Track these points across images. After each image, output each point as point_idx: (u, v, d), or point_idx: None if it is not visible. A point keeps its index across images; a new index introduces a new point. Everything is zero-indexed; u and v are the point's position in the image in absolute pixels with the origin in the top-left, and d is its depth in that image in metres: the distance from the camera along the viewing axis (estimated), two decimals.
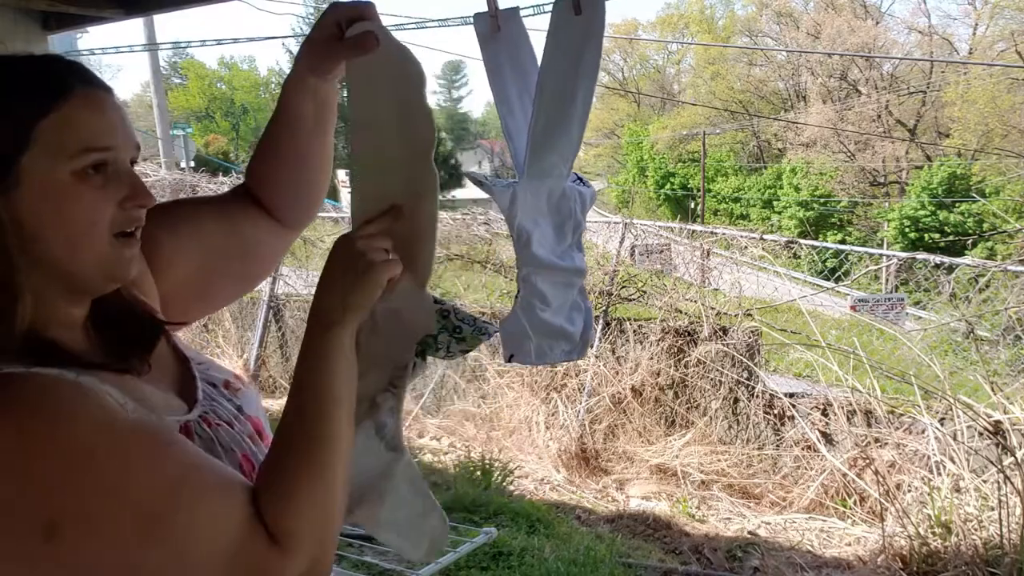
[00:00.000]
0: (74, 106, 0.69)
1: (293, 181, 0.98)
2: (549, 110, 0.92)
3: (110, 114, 0.73)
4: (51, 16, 2.51)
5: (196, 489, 0.66)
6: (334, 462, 0.72)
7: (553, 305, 1.00)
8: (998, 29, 25.37)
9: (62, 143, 0.68)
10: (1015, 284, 5.14)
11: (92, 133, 0.70)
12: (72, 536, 0.60)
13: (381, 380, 0.88)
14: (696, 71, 36.44)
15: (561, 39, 0.91)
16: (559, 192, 0.98)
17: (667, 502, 4.94)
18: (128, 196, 0.72)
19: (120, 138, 0.73)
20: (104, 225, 0.71)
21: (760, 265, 6.86)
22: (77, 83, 0.71)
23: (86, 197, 0.69)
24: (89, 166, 0.69)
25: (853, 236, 24.57)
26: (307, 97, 0.90)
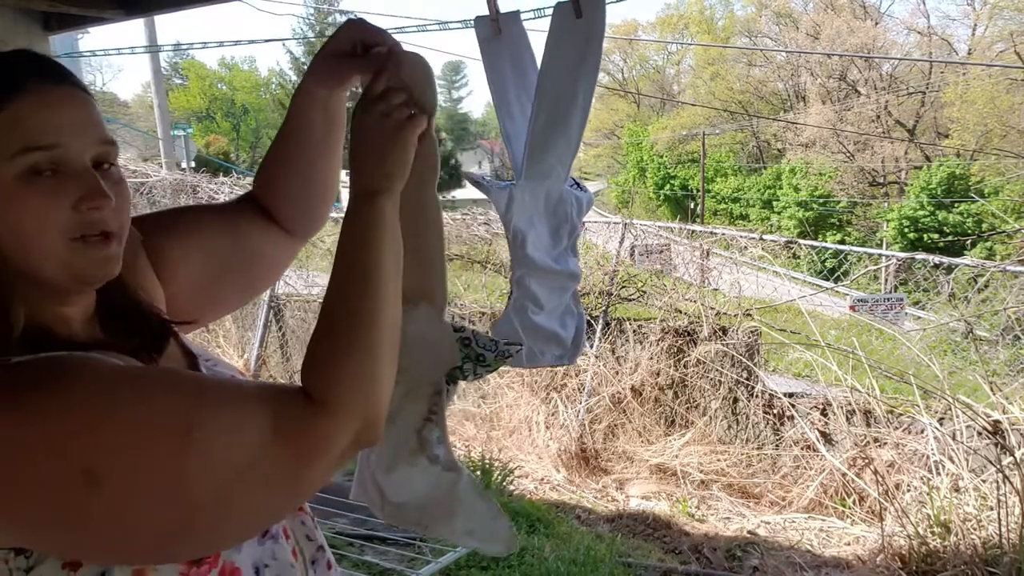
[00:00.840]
0: (21, 105, 0.66)
1: (301, 191, 0.98)
2: (548, 113, 0.93)
3: (62, 111, 0.68)
4: (52, 16, 2.51)
5: (215, 393, 0.67)
6: (380, 329, 0.71)
7: (546, 308, 1.00)
8: (997, 30, 25.38)
9: (3, 144, 0.65)
10: (1014, 284, 5.14)
11: (36, 132, 0.66)
12: (111, 476, 0.59)
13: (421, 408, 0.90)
14: (696, 71, 36.44)
15: (562, 42, 0.91)
16: (556, 195, 0.98)
17: (667, 502, 4.95)
18: (82, 197, 0.67)
19: (73, 135, 0.68)
20: (55, 230, 0.66)
21: (760, 265, 6.86)
22: (30, 80, 0.67)
23: (31, 201, 0.65)
24: (31, 167, 0.65)
25: (852, 236, 24.58)
26: (317, 109, 0.89)
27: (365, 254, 0.73)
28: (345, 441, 0.68)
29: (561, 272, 1.00)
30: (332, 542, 3.12)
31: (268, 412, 0.66)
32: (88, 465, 0.58)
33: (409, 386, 0.88)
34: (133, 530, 0.61)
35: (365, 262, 0.73)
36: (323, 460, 0.67)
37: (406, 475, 0.91)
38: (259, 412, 0.65)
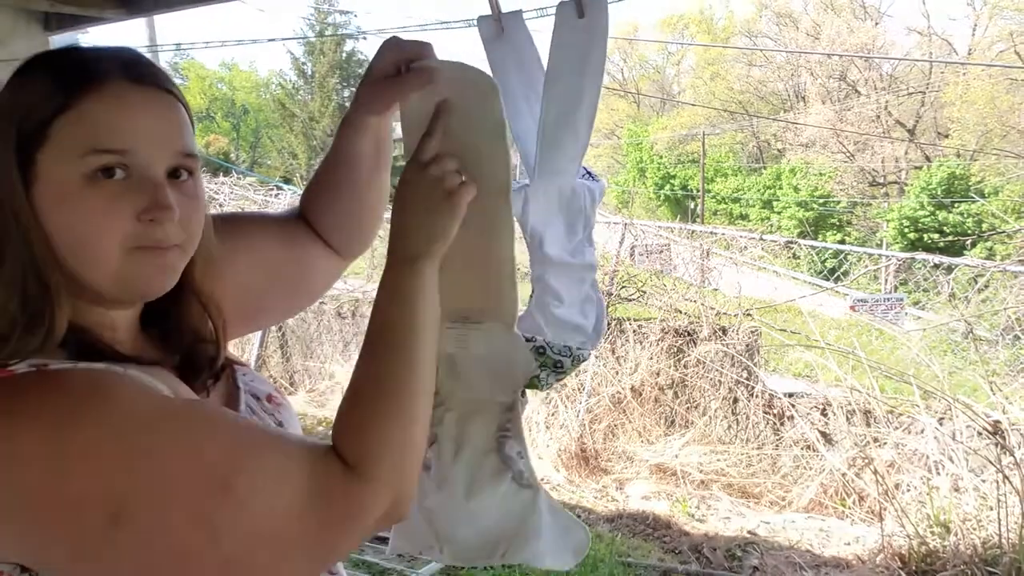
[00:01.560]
0: (97, 101, 0.63)
1: (352, 216, 0.97)
2: (557, 112, 0.93)
3: (140, 114, 0.65)
4: (52, 16, 2.51)
5: (256, 446, 0.64)
6: (415, 396, 0.70)
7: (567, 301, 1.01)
8: (997, 29, 25.38)
9: (75, 141, 0.63)
10: (1014, 284, 5.15)
11: (107, 133, 0.63)
12: (139, 516, 0.57)
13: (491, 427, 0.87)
14: (696, 72, 36.45)
15: (565, 41, 0.92)
16: (569, 190, 0.99)
17: (667, 502, 4.95)
18: (147, 208, 0.64)
19: (148, 142, 0.65)
20: (114, 237, 0.64)
21: (760, 265, 6.87)
22: (112, 76, 0.65)
23: (93, 205, 0.63)
24: (99, 169, 0.63)
25: (852, 236, 24.58)
26: (367, 136, 0.88)
27: (403, 320, 0.71)
28: (378, 512, 0.66)
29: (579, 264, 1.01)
30: None
31: (305, 473, 0.64)
32: (117, 501, 0.56)
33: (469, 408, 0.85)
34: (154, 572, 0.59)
35: (403, 328, 0.71)
36: (355, 529, 0.66)
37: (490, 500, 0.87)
38: (297, 472, 0.64)
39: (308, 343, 7.12)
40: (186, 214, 0.68)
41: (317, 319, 7.08)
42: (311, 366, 7.04)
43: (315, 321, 7.08)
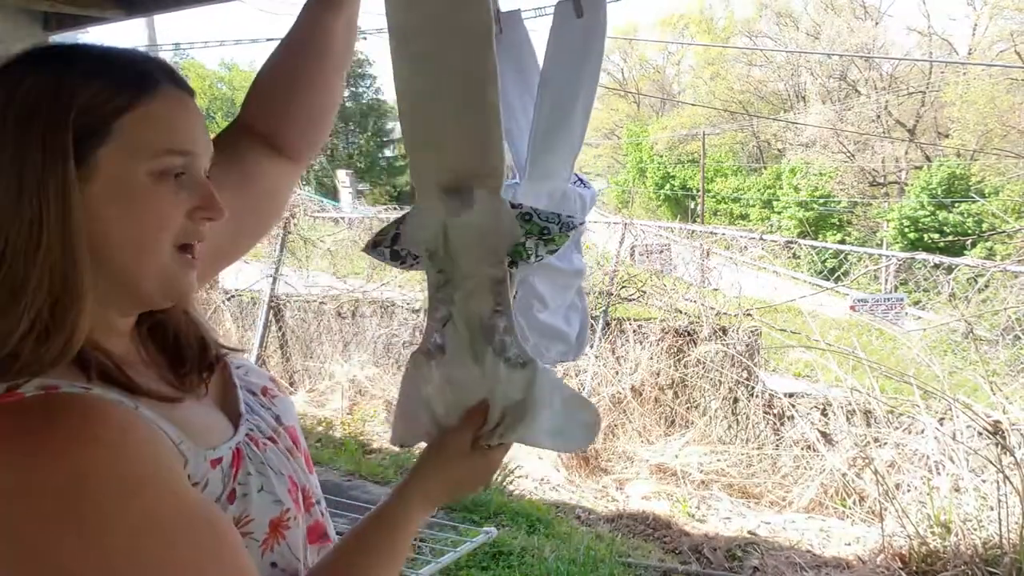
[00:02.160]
0: (159, 104, 0.66)
1: (313, 111, 0.93)
2: (551, 112, 0.92)
3: (193, 118, 0.69)
4: (51, 16, 2.51)
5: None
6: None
7: (551, 306, 1.00)
8: (998, 29, 25.38)
9: (144, 141, 0.64)
10: (1014, 284, 5.15)
11: (175, 135, 0.66)
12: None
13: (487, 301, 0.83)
14: (696, 71, 36.45)
15: (563, 42, 0.91)
16: (560, 194, 0.98)
17: (667, 502, 4.95)
18: (199, 207, 0.68)
19: (201, 144, 0.69)
20: (171, 233, 0.66)
21: (760, 265, 6.87)
22: (165, 81, 0.67)
23: (158, 201, 0.65)
24: (168, 169, 0.65)
25: (852, 236, 24.58)
26: (342, 12, 0.86)
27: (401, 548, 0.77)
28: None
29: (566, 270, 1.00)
30: None
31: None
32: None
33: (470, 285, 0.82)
34: None
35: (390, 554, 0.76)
36: None
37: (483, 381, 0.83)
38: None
39: (308, 343, 7.12)
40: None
41: (317, 319, 7.08)
42: (311, 366, 7.04)
43: (315, 321, 7.08)
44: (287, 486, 0.73)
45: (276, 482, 0.72)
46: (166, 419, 0.65)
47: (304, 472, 0.80)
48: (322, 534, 0.80)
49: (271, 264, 7.02)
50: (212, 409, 0.75)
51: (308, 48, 0.88)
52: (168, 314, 0.75)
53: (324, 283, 7.29)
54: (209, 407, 0.75)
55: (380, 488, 4.61)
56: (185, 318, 0.77)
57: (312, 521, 0.79)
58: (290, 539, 0.71)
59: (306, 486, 0.79)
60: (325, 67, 0.90)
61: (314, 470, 0.84)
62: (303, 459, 0.82)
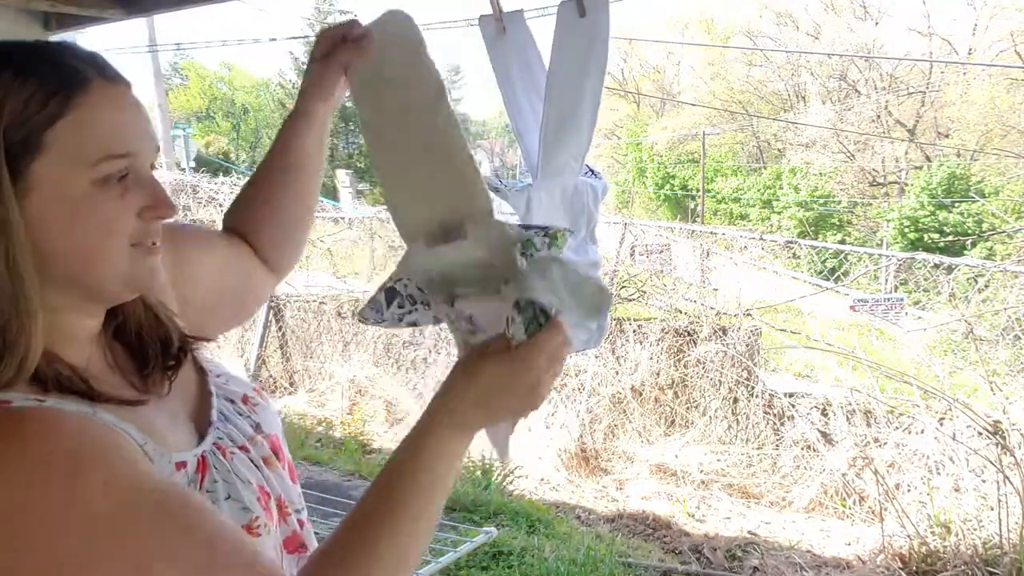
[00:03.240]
0: (92, 107, 0.62)
1: (291, 225, 0.97)
2: (559, 111, 0.93)
3: (131, 114, 0.66)
4: (51, 16, 2.51)
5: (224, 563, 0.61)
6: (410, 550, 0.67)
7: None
8: (997, 29, 25.38)
9: (80, 149, 0.61)
10: (1014, 284, 5.15)
11: (113, 137, 0.63)
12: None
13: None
14: (696, 72, 36.44)
15: (567, 41, 0.92)
16: (572, 188, 0.99)
17: (667, 502, 4.95)
18: (149, 206, 0.66)
19: (142, 141, 0.66)
20: (122, 237, 0.64)
21: (760, 265, 6.87)
22: (96, 77, 0.64)
23: (104, 208, 0.63)
24: (109, 175, 0.63)
25: (853, 236, 24.57)
26: (314, 128, 0.89)
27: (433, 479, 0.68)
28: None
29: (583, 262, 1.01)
30: None
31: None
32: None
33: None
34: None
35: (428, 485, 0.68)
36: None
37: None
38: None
39: (308, 343, 7.12)
40: None
41: (317, 319, 7.08)
42: (311, 366, 7.04)
43: (315, 321, 7.08)
44: (255, 495, 0.72)
45: (243, 490, 0.71)
46: (128, 421, 0.64)
47: (283, 481, 0.79)
48: (300, 544, 0.79)
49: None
50: (179, 417, 0.74)
51: (283, 168, 0.93)
52: (128, 312, 0.74)
53: (324, 283, 7.29)
54: (176, 415, 0.74)
55: None
56: (147, 314, 0.76)
57: (289, 531, 0.78)
58: (259, 547, 0.70)
59: (282, 496, 0.78)
60: (300, 184, 0.94)
61: (297, 480, 0.83)
62: (286, 468, 0.81)
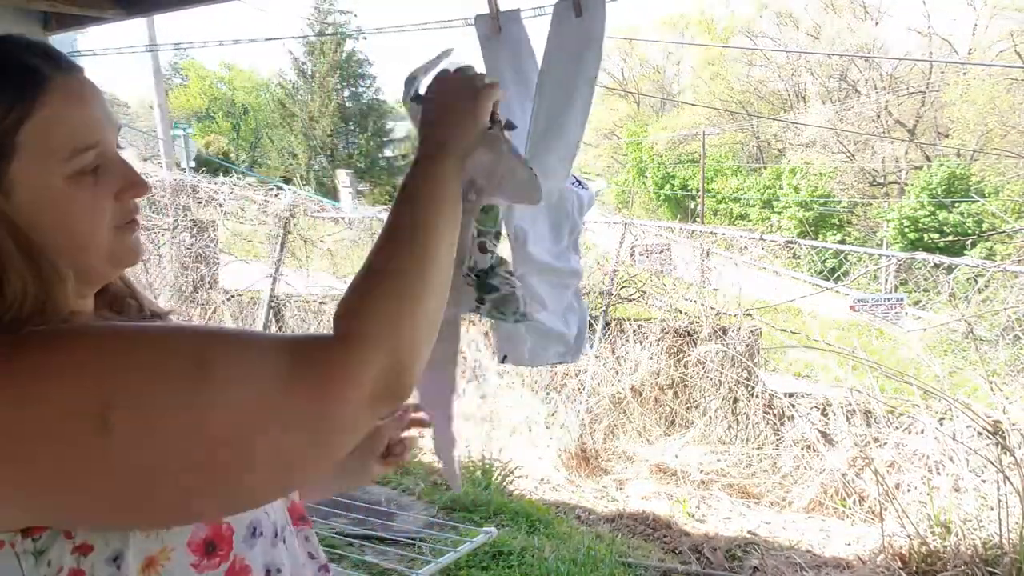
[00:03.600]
0: (55, 103, 0.63)
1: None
2: (549, 112, 0.92)
3: (91, 102, 0.67)
4: (51, 16, 2.51)
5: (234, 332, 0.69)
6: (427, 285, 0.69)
7: (549, 306, 1.00)
8: (997, 29, 25.38)
9: (50, 147, 0.63)
10: (1014, 284, 5.14)
11: (79, 130, 0.65)
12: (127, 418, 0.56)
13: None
14: (696, 72, 36.44)
15: (561, 41, 0.91)
16: (557, 193, 0.98)
17: (667, 502, 4.95)
18: (123, 188, 0.68)
19: (106, 127, 0.68)
20: (104, 223, 0.67)
21: (760, 265, 6.86)
22: (52, 71, 0.64)
23: (82, 199, 0.65)
24: (82, 168, 0.64)
25: (852, 236, 24.57)
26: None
27: (425, 210, 0.72)
28: (369, 375, 0.63)
29: (563, 270, 1.00)
30: (332, 542, 3.12)
31: (286, 349, 0.63)
32: (102, 408, 0.56)
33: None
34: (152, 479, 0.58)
35: (424, 217, 0.72)
36: (345, 395, 0.62)
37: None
38: (277, 349, 0.63)
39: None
40: None
41: (317, 319, 7.08)
42: None
43: (315, 321, 7.08)
44: None
45: None
46: None
47: None
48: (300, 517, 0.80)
49: (271, 264, 7.01)
50: None
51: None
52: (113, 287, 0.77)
53: (324, 283, 7.29)
54: None
55: (380, 488, 4.60)
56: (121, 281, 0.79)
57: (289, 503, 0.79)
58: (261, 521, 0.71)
59: None
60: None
61: None
62: None
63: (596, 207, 1.08)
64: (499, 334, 1.00)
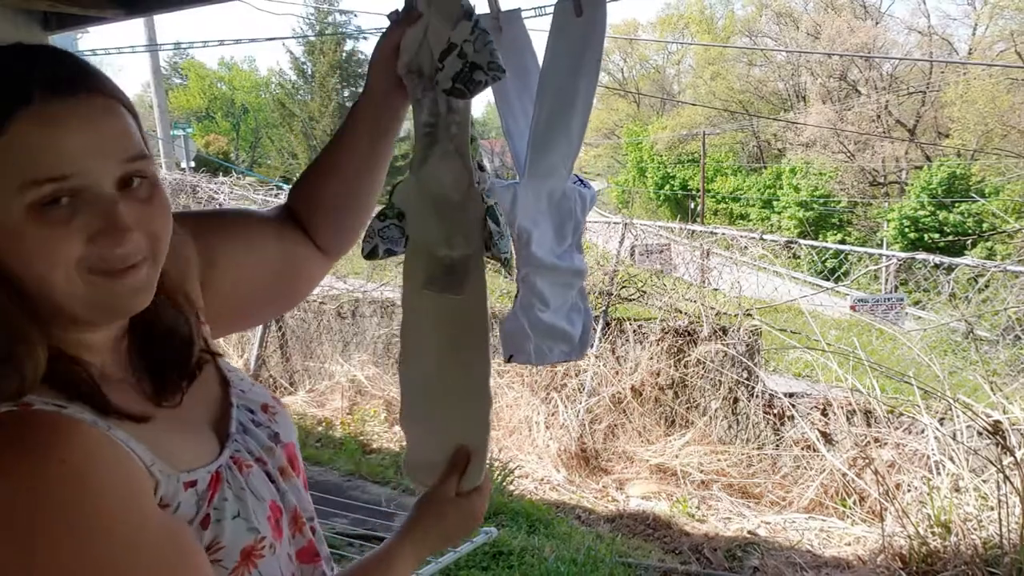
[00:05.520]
0: (25, 125, 0.57)
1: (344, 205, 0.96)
2: (550, 111, 0.93)
3: (76, 132, 0.59)
4: (51, 16, 2.51)
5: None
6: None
7: (552, 306, 1.00)
8: (998, 29, 25.37)
9: (5, 174, 0.57)
10: (1014, 284, 5.14)
11: (44, 160, 0.58)
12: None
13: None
14: (696, 71, 36.43)
15: (562, 40, 0.91)
16: (559, 193, 0.98)
17: (667, 502, 4.95)
18: (100, 231, 0.60)
19: (92, 158, 0.59)
20: (69, 265, 0.59)
21: (760, 265, 6.86)
22: (38, 92, 0.58)
23: (41, 236, 0.58)
24: (43, 199, 0.58)
25: (853, 236, 24.57)
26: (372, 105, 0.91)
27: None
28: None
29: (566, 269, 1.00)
30: (332, 542, 3.12)
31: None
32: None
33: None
34: None
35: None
36: None
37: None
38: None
39: (308, 343, 7.12)
40: (147, 222, 0.64)
41: (317, 319, 7.08)
42: (311, 366, 7.04)
43: (315, 321, 7.08)
44: (266, 513, 0.72)
45: (254, 508, 0.70)
46: (139, 440, 0.63)
47: (298, 492, 0.80)
48: (314, 553, 0.80)
49: None
50: (198, 430, 0.73)
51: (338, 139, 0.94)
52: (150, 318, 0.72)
53: (324, 283, 7.28)
54: (197, 425, 0.74)
55: (380, 488, 4.60)
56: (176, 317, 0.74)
57: (304, 542, 0.79)
58: (263, 568, 0.69)
59: (297, 507, 0.78)
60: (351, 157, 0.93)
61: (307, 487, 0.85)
62: (300, 477, 0.82)
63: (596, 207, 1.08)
64: (504, 334, 1.00)
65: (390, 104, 0.90)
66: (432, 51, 0.81)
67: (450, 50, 0.80)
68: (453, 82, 0.79)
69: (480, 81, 0.79)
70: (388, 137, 0.93)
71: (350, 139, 0.92)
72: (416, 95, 0.85)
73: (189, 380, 0.74)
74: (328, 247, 0.98)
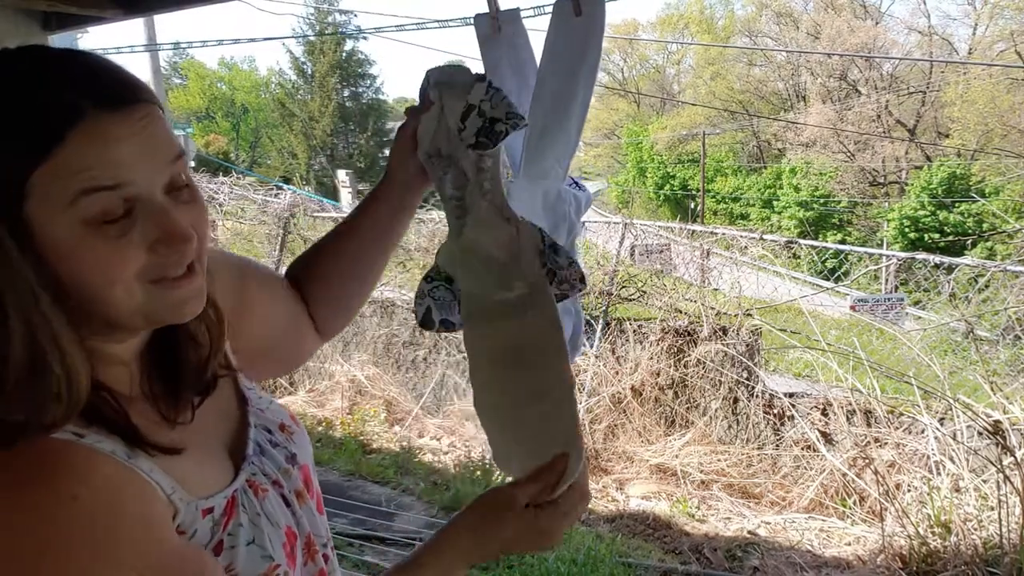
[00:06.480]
0: (77, 142, 0.56)
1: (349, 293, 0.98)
2: (547, 112, 0.92)
3: (129, 140, 0.58)
4: (51, 16, 2.51)
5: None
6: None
7: None
8: (998, 29, 25.38)
9: (58, 190, 0.56)
10: (1015, 284, 5.14)
11: (100, 170, 0.57)
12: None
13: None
14: (696, 71, 36.44)
15: (561, 41, 0.91)
16: (554, 194, 0.97)
17: (667, 502, 4.94)
18: (159, 239, 0.60)
19: (143, 165, 0.59)
20: (129, 276, 0.59)
21: (760, 265, 6.86)
22: (89, 111, 0.57)
23: (100, 250, 0.58)
24: (99, 214, 0.57)
25: (853, 236, 24.57)
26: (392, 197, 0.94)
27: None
28: None
29: None
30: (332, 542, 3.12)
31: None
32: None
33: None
34: None
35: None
36: None
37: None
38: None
39: None
40: (196, 225, 0.64)
41: None
42: (311, 366, 7.04)
43: None
44: (282, 539, 0.71)
45: (269, 534, 0.69)
46: (160, 468, 0.62)
47: (312, 516, 0.78)
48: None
49: (271, 264, 7.01)
50: (214, 452, 0.72)
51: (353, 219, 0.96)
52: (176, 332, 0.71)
53: None
54: (211, 447, 0.73)
55: (380, 488, 4.60)
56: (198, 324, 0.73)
57: (316, 570, 0.77)
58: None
59: (310, 532, 0.77)
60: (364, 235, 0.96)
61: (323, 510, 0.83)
62: (314, 499, 0.80)
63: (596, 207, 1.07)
64: None
65: (410, 186, 0.94)
66: (450, 126, 0.85)
67: (469, 111, 0.83)
68: (476, 136, 0.83)
69: (501, 131, 0.82)
70: (404, 215, 0.96)
71: (363, 219, 0.95)
72: (438, 175, 0.88)
73: (204, 394, 0.73)
74: (323, 327, 0.99)
